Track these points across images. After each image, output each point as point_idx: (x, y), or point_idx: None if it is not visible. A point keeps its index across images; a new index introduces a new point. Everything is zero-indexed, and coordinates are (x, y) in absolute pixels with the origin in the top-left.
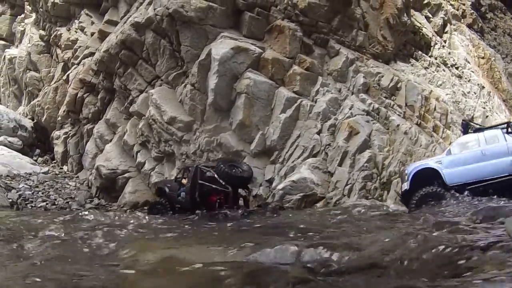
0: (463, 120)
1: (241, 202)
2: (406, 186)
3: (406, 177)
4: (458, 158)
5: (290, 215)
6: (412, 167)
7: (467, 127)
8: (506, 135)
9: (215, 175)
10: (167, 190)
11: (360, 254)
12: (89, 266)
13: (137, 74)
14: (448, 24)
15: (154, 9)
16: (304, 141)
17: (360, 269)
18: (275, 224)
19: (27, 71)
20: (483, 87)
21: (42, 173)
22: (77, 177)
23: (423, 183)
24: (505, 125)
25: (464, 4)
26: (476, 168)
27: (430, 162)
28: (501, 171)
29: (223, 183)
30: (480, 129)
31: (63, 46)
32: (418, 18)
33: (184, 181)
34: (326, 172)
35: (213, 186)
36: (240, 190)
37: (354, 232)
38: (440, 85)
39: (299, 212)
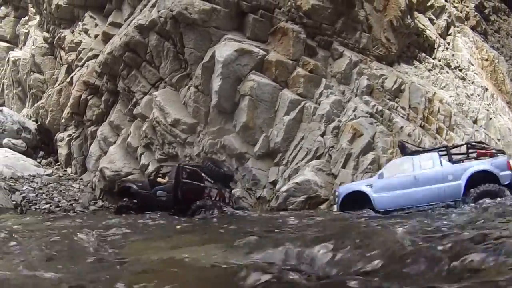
0: (399, 141)
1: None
2: (336, 208)
3: (337, 199)
4: (389, 182)
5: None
6: (343, 189)
7: (404, 149)
8: (442, 159)
9: (203, 174)
10: (137, 189)
11: None
12: None
13: (141, 76)
14: (452, 26)
15: (158, 11)
16: (308, 143)
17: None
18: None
19: (31, 73)
20: (487, 89)
21: (46, 175)
22: (81, 179)
23: (353, 206)
24: (443, 148)
25: (467, 6)
26: (407, 194)
27: (362, 185)
28: (433, 199)
29: (211, 181)
30: (416, 152)
31: (67, 48)
32: (422, 20)
33: (161, 180)
34: (329, 174)
35: (200, 184)
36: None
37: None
38: (444, 87)
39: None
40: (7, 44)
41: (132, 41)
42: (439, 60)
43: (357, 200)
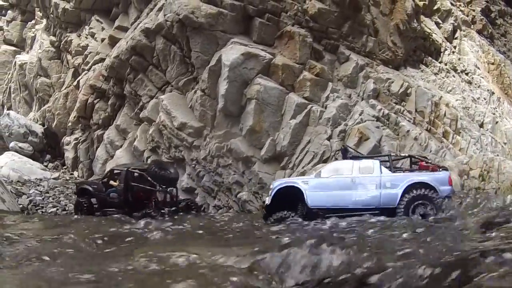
0: (342, 146)
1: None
2: (268, 200)
3: (270, 191)
4: (326, 181)
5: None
6: (278, 183)
7: (346, 153)
8: (382, 167)
9: (148, 177)
10: (91, 190)
11: None
12: None
13: (147, 80)
14: (458, 30)
15: (165, 15)
16: (314, 147)
17: None
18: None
19: (38, 77)
20: (493, 93)
21: (53, 178)
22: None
23: (285, 201)
24: (386, 157)
25: (474, 10)
26: (342, 195)
27: (298, 181)
28: (368, 203)
29: (155, 184)
30: (357, 157)
31: (73, 52)
32: (428, 24)
33: (113, 182)
34: None
35: (147, 187)
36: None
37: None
38: (450, 91)
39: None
40: (14, 48)
41: (139, 44)
42: (445, 64)
43: (291, 195)
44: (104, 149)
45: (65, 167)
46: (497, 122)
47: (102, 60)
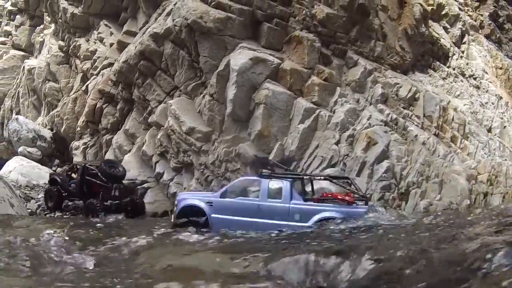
0: (254, 155)
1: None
2: (173, 217)
3: (175, 208)
4: (231, 205)
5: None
6: (183, 201)
7: (255, 165)
8: (294, 190)
9: (98, 173)
10: (59, 180)
11: None
12: None
13: (156, 85)
14: (466, 35)
15: (173, 20)
16: (323, 152)
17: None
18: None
19: (46, 81)
20: (501, 98)
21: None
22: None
23: (193, 212)
24: (299, 176)
25: (481, 15)
26: (249, 223)
27: (202, 202)
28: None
29: (104, 179)
30: (268, 175)
31: (82, 56)
32: (436, 29)
33: (74, 175)
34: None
35: (97, 181)
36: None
37: None
38: (458, 95)
39: None
40: (22, 53)
41: (147, 49)
42: (454, 69)
43: (196, 213)
44: (112, 154)
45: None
46: (505, 127)
47: (110, 64)
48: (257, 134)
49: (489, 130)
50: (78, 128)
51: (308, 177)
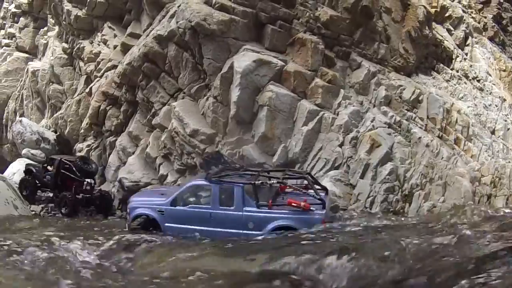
0: (217, 151)
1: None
2: (128, 221)
3: (128, 212)
4: (181, 213)
5: None
6: (134, 209)
7: (209, 165)
8: (247, 196)
9: (73, 168)
10: (34, 171)
11: None
12: None
13: (159, 87)
14: (470, 37)
15: (177, 22)
16: (326, 154)
17: None
18: None
19: (50, 83)
20: (505, 100)
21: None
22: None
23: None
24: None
25: (485, 17)
26: (202, 232)
27: (153, 211)
28: None
29: (78, 174)
30: (219, 181)
31: (86, 59)
32: (440, 31)
33: (49, 167)
34: (348, 184)
35: (71, 175)
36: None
37: None
38: (462, 97)
39: None
40: (26, 55)
41: (151, 51)
42: (457, 71)
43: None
44: (116, 156)
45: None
46: (508, 129)
47: (114, 67)
48: (261, 136)
49: (493, 132)
50: (82, 130)
51: (263, 174)
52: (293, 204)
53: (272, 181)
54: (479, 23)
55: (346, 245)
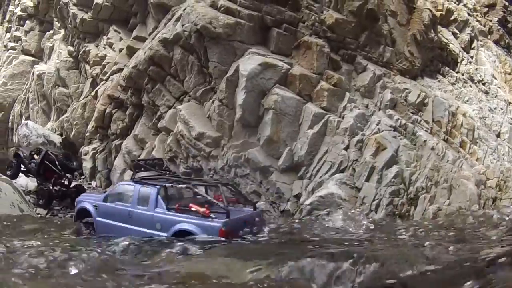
0: (132, 161)
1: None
2: (74, 213)
3: (76, 205)
4: (109, 209)
5: None
6: (79, 203)
7: (136, 168)
8: (160, 198)
9: (56, 161)
10: (22, 155)
11: None
12: None
13: (165, 90)
14: (475, 40)
15: (182, 25)
16: (332, 157)
17: None
18: None
19: (56, 87)
20: (510, 103)
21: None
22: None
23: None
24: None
25: (491, 21)
26: (123, 229)
27: (90, 205)
28: None
29: (59, 168)
30: (140, 181)
31: (91, 62)
32: (445, 34)
33: (36, 156)
34: (353, 187)
35: (53, 167)
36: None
37: None
38: (467, 100)
39: None
40: (32, 58)
41: (157, 55)
42: (463, 74)
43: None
44: (122, 159)
45: (83, 177)
46: None
47: (120, 70)
48: (266, 140)
49: (498, 136)
50: (88, 134)
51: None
52: (192, 209)
53: (182, 186)
54: (484, 26)
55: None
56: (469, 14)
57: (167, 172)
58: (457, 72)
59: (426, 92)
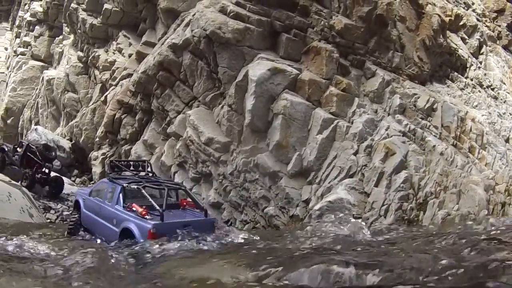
0: (110, 161)
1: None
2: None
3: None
4: (91, 203)
5: None
6: (78, 195)
7: (111, 168)
8: (120, 196)
9: (37, 152)
10: (6, 149)
11: None
12: None
13: (174, 95)
14: (484, 46)
15: (192, 31)
16: (341, 162)
17: None
18: None
19: (65, 92)
20: None
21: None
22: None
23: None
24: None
25: (499, 26)
26: (95, 222)
27: (80, 198)
28: (103, 234)
29: (40, 158)
30: (112, 180)
31: (101, 67)
32: (454, 40)
33: (18, 149)
34: (362, 192)
35: (34, 158)
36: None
37: None
38: (476, 106)
39: None
40: (41, 63)
41: (166, 60)
42: (471, 79)
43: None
44: None
45: (92, 182)
46: None
47: (129, 75)
48: (276, 145)
49: (507, 141)
50: (97, 139)
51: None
52: (132, 208)
53: (133, 187)
54: (493, 31)
55: None
56: (478, 20)
57: (151, 174)
58: (466, 77)
59: (435, 97)
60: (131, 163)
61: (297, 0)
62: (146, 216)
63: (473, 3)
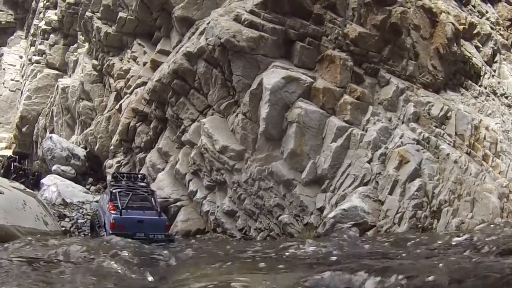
0: (113, 173)
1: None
2: None
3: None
4: (102, 202)
5: None
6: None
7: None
8: (113, 197)
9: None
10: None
11: None
12: None
13: (189, 103)
14: (498, 54)
15: (206, 39)
16: (355, 170)
17: None
18: None
19: (80, 100)
20: None
21: (95, 201)
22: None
23: None
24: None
25: None
26: (100, 216)
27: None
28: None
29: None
30: (113, 185)
31: (115, 75)
32: (468, 48)
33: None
34: (376, 200)
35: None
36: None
37: None
38: (490, 114)
39: None
40: (56, 72)
41: (181, 68)
42: (485, 88)
43: None
44: (146, 172)
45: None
46: None
47: (144, 83)
48: (290, 153)
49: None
50: (112, 147)
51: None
52: (109, 206)
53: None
54: (507, 40)
55: None
56: (491, 28)
57: (144, 184)
58: (480, 86)
59: (449, 106)
60: (131, 175)
61: (311, 8)
62: (112, 212)
63: (487, 12)
